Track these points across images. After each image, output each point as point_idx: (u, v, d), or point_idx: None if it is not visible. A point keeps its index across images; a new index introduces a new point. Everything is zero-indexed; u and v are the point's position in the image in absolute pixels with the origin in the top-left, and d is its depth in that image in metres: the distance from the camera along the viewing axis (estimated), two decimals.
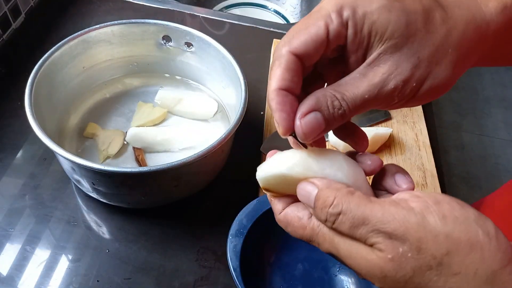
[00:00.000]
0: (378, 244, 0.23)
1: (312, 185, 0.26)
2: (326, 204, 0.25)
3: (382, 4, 0.25)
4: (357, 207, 0.24)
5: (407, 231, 0.23)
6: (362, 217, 0.24)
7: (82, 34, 0.57)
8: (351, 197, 0.25)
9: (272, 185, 0.29)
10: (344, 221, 0.24)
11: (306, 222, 0.27)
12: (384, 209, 0.24)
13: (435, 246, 0.22)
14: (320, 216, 0.26)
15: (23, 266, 0.49)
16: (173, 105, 0.63)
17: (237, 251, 0.45)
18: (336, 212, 0.25)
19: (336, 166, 0.28)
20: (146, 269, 0.51)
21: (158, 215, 0.55)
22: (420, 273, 0.23)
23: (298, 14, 1.04)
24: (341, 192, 0.25)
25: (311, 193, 0.26)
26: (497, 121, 1.94)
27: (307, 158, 0.28)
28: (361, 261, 0.24)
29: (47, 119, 0.53)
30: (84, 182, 0.50)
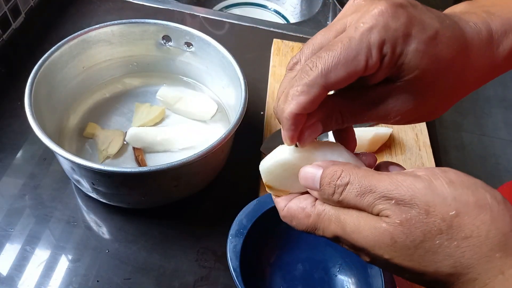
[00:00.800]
0: (386, 210, 0.23)
1: (316, 166, 0.27)
2: (333, 178, 0.25)
3: (418, 48, 0.25)
4: (364, 177, 0.24)
5: (414, 196, 0.23)
6: (369, 186, 0.24)
7: (82, 34, 0.57)
8: (358, 170, 0.25)
9: (275, 178, 0.29)
10: (351, 190, 0.24)
11: (310, 210, 0.27)
12: (391, 178, 0.24)
13: (444, 209, 0.22)
14: (327, 191, 0.26)
15: (23, 266, 0.49)
16: (173, 102, 0.63)
17: (237, 251, 0.45)
18: (344, 182, 0.25)
19: (337, 153, 0.28)
20: (146, 269, 0.51)
21: (158, 215, 0.55)
22: (430, 237, 0.22)
23: (298, 14, 1.04)
24: (348, 166, 0.26)
25: (315, 174, 0.26)
26: (498, 121, 1.93)
27: (308, 147, 0.28)
28: (369, 232, 0.24)
29: (47, 119, 0.53)
30: (84, 182, 0.50)
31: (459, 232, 0.22)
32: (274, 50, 0.76)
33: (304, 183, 0.27)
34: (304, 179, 0.27)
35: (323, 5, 0.93)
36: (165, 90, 0.64)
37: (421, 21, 0.26)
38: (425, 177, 0.23)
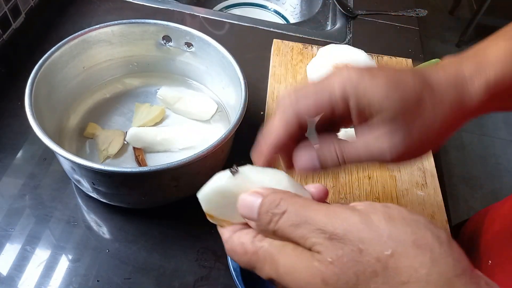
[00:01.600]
0: (318, 245, 0.22)
1: (255, 194, 0.25)
2: (271, 206, 0.24)
3: (381, 84, 0.29)
4: (302, 207, 0.23)
5: (348, 231, 0.21)
6: (304, 216, 0.22)
7: (82, 34, 0.57)
8: (297, 199, 0.24)
9: (214, 207, 0.28)
10: (287, 220, 0.23)
11: (248, 246, 0.25)
12: (328, 210, 0.22)
13: (378, 247, 0.20)
14: (264, 220, 0.24)
15: (23, 266, 0.49)
16: (173, 102, 0.63)
17: None
18: (281, 211, 0.23)
19: (275, 180, 0.27)
20: (146, 269, 0.51)
21: (158, 215, 0.55)
22: (364, 279, 0.20)
23: (298, 14, 1.04)
24: (287, 195, 0.24)
25: (254, 203, 0.25)
26: (498, 121, 1.94)
27: (247, 173, 0.27)
28: (301, 272, 0.22)
29: (47, 119, 0.53)
30: (84, 182, 0.50)
31: (395, 275, 0.20)
32: (274, 50, 0.76)
33: (242, 211, 0.26)
34: (242, 207, 0.26)
35: (323, 5, 0.93)
36: (165, 90, 0.64)
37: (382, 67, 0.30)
38: (363, 211, 0.22)
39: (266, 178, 0.27)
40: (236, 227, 0.28)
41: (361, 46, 0.72)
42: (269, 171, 0.28)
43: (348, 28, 0.85)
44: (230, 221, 0.28)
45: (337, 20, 0.87)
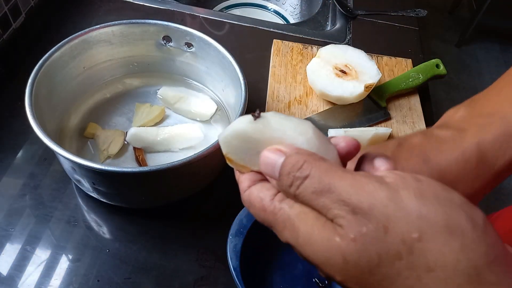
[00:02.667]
0: (340, 218, 0.20)
1: (278, 152, 0.23)
2: (294, 168, 0.22)
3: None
4: (326, 173, 0.21)
5: (374, 206, 0.19)
6: (328, 184, 0.20)
7: (82, 34, 0.57)
8: (322, 163, 0.22)
9: (234, 151, 0.26)
10: (309, 185, 0.21)
11: (267, 204, 0.24)
12: (354, 179, 0.20)
13: (405, 227, 0.18)
14: (285, 182, 0.23)
15: (23, 266, 0.49)
16: (173, 102, 0.63)
17: (237, 251, 0.45)
18: (303, 175, 0.21)
19: (299, 130, 0.24)
20: (146, 269, 0.51)
21: (158, 215, 0.55)
22: (387, 261, 0.19)
23: (298, 14, 1.04)
24: (312, 157, 0.22)
25: (276, 161, 0.23)
26: None
27: (270, 117, 0.25)
28: (321, 246, 0.20)
29: (47, 119, 0.53)
30: (85, 182, 0.50)
31: (421, 260, 0.18)
32: (274, 51, 0.76)
33: (263, 169, 0.24)
34: (264, 165, 0.24)
35: (322, 5, 0.93)
36: (165, 90, 0.64)
37: None
38: (392, 185, 0.20)
39: (289, 127, 0.25)
40: (255, 176, 0.26)
41: (361, 46, 0.72)
42: (294, 120, 0.25)
43: (348, 28, 0.85)
44: (249, 167, 0.26)
45: (337, 20, 0.87)
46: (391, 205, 0.19)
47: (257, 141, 0.25)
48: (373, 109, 0.69)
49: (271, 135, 0.25)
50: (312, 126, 0.25)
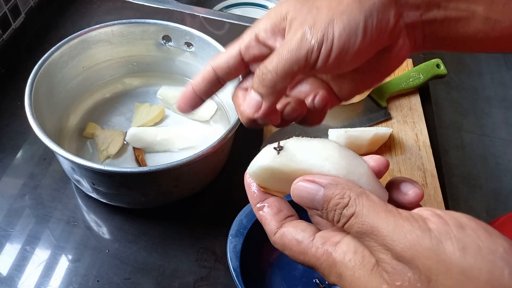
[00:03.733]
0: (385, 264, 0.20)
1: (314, 184, 0.23)
2: (340, 205, 0.22)
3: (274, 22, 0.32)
4: (369, 213, 0.21)
5: (416, 256, 0.19)
6: (371, 227, 0.21)
7: (82, 34, 0.57)
8: (365, 200, 0.22)
9: (266, 181, 0.26)
10: (354, 224, 0.22)
11: (307, 247, 0.24)
12: (397, 223, 0.20)
13: (447, 282, 0.18)
14: (330, 216, 0.23)
15: (23, 266, 0.49)
16: (173, 102, 0.63)
17: (237, 251, 0.45)
18: (349, 213, 0.22)
19: (324, 156, 0.24)
20: (146, 269, 0.51)
21: (158, 215, 0.55)
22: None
23: None
24: (354, 192, 0.22)
25: (315, 194, 0.23)
26: (498, 121, 1.93)
27: (292, 148, 0.25)
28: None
29: (47, 119, 0.53)
30: (84, 182, 0.50)
31: None
32: None
33: (299, 201, 0.24)
34: (298, 197, 0.24)
35: None
36: (165, 89, 0.64)
37: None
38: (435, 234, 0.19)
39: (313, 154, 0.25)
40: (280, 214, 0.26)
41: None
42: (317, 144, 0.25)
43: None
44: (285, 192, 0.27)
45: None
46: (433, 257, 0.19)
47: (286, 173, 0.25)
48: (373, 109, 0.69)
49: (298, 167, 0.25)
50: (337, 147, 0.25)
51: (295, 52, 0.29)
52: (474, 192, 1.68)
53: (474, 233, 0.19)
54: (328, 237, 0.24)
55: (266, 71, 0.30)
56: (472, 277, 0.18)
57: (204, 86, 0.37)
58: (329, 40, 0.28)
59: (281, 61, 0.30)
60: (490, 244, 0.19)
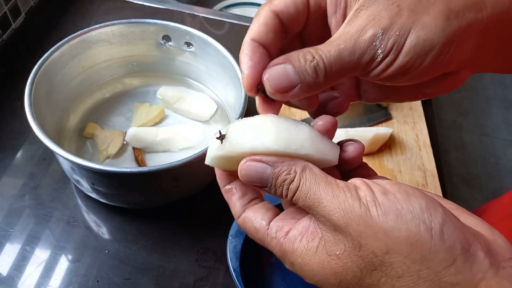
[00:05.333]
0: (327, 235, 0.23)
1: (262, 163, 0.24)
2: (287, 181, 0.24)
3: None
4: (311, 185, 0.23)
5: (349, 223, 0.22)
6: (313, 198, 0.23)
7: (81, 34, 0.57)
8: (308, 173, 0.24)
9: (224, 166, 0.28)
10: (299, 198, 0.24)
11: (262, 236, 0.26)
12: (334, 194, 0.23)
13: (375, 243, 0.21)
14: (278, 191, 0.25)
15: (23, 266, 0.49)
16: (173, 102, 0.63)
17: (237, 251, 0.45)
18: (295, 187, 0.24)
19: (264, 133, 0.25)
20: (146, 269, 0.50)
21: (158, 215, 0.55)
22: (367, 273, 0.22)
23: None
24: (299, 167, 0.24)
25: (264, 172, 0.24)
26: (498, 121, 1.93)
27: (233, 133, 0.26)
28: (318, 271, 0.23)
29: (46, 119, 0.53)
30: (84, 182, 0.50)
31: (391, 270, 0.21)
32: None
33: (247, 180, 0.25)
34: (246, 177, 0.25)
35: None
36: (165, 89, 0.64)
37: None
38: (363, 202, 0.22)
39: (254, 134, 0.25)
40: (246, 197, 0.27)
41: None
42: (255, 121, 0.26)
43: None
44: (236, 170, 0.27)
45: None
46: (362, 224, 0.21)
47: (235, 157, 0.26)
48: (373, 109, 0.69)
49: (243, 150, 0.25)
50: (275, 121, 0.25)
51: (357, 57, 0.24)
52: (474, 192, 1.68)
53: (395, 197, 0.22)
54: (281, 226, 0.25)
55: (321, 59, 0.24)
56: (394, 237, 0.21)
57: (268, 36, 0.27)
58: (395, 53, 0.24)
59: (339, 59, 0.24)
60: (408, 205, 0.21)
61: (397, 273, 0.21)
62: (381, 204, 0.22)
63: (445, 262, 0.20)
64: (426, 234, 0.20)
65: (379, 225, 0.21)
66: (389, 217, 0.21)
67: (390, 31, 0.23)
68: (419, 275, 0.20)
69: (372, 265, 0.21)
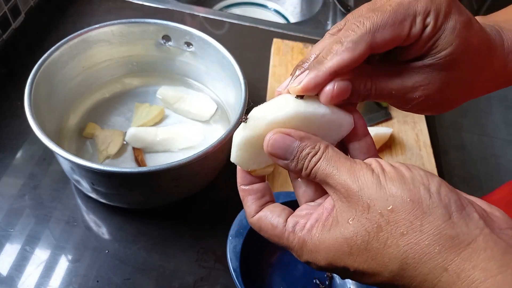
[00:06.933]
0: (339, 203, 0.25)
1: (290, 137, 0.26)
2: (312, 154, 0.26)
3: (455, 26, 0.27)
4: (332, 157, 0.26)
5: (361, 188, 0.24)
6: (333, 167, 0.25)
7: (81, 34, 0.57)
8: (330, 149, 0.26)
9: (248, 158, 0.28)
10: (318, 168, 0.26)
11: (280, 231, 0.27)
12: (352, 165, 0.25)
13: (382, 204, 0.23)
14: (300, 165, 0.26)
15: (23, 266, 0.49)
16: (172, 102, 0.63)
17: (237, 251, 0.45)
18: (317, 158, 0.26)
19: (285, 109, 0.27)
20: (146, 269, 0.50)
21: (157, 215, 0.55)
22: (374, 236, 0.23)
23: (298, 13, 1.04)
24: (323, 144, 0.26)
25: (291, 145, 0.26)
26: (498, 121, 1.93)
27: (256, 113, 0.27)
28: (330, 244, 0.25)
29: (46, 119, 0.53)
30: (84, 182, 0.50)
31: (396, 228, 0.23)
32: (274, 50, 0.76)
33: (272, 150, 0.26)
34: (273, 147, 0.26)
35: (323, 5, 0.93)
36: (165, 89, 0.64)
37: (459, 6, 0.28)
38: (375, 172, 0.25)
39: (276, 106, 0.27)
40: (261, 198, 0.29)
41: None
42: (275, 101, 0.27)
43: None
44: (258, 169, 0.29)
45: (337, 19, 0.87)
46: (372, 188, 0.24)
47: (261, 134, 0.27)
48: (374, 109, 0.69)
49: (266, 121, 0.27)
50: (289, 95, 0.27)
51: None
52: (474, 192, 1.67)
53: (399, 168, 0.25)
54: (298, 220, 0.27)
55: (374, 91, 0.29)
56: (398, 197, 0.23)
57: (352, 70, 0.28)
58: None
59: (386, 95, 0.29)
60: (410, 173, 0.24)
61: (401, 231, 0.22)
62: (388, 172, 0.24)
63: (443, 216, 0.22)
64: (425, 193, 0.23)
65: (386, 188, 0.24)
66: (394, 182, 0.24)
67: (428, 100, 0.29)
68: (421, 230, 0.22)
69: (379, 227, 0.23)
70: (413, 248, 0.22)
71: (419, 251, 0.22)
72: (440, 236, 0.22)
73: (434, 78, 0.28)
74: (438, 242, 0.22)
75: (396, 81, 0.28)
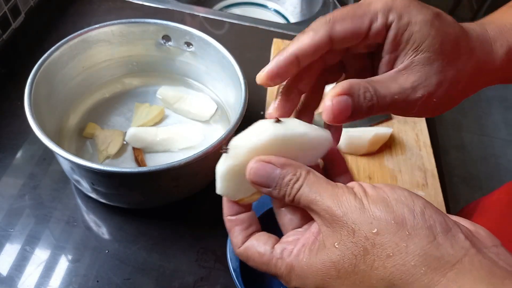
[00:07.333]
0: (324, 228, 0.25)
1: (270, 164, 0.27)
2: (293, 180, 0.26)
3: (426, 19, 0.28)
4: (313, 183, 0.26)
5: (345, 213, 0.24)
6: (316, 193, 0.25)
7: (81, 34, 0.57)
8: (312, 175, 0.26)
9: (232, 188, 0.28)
10: (301, 194, 0.26)
11: (268, 259, 0.27)
12: (334, 190, 0.25)
13: (367, 227, 0.23)
14: (282, 192, 0.26)
15: (23, 266, 0.49)
16: (173, 102, 0.63)
17: None
18: (299, 186, 0.26)
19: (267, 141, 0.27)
20: (146, 269, 0.50)
21: (157, 215, 0.55)
22: (361, 259, 0.23)
23: (298, 13, 1.04)
24: (304, 170, 0.26)
25: (272, 172, 0.26)
26: (498, 121, 1.93)
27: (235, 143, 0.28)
28: (318, 269, 0.25)
29: (46, 119, 0.53)
30: (84, 182, 0.50)
31: (382, 250, 0.23)
32: (274, 50, 0.76)
33: (254, 178, 0.27)
34: (255, 176, 0.27)
35: (323, 5, 0.93)
36: (165, 89, 0.64)
37: (422, 3, 0.29)
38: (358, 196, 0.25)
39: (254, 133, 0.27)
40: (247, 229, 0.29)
41: None
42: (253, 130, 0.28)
43: None
44: (245, 197, 0.29)
45: None
46: (356, 212, 0.24)
47: (242, 163, 0.27)
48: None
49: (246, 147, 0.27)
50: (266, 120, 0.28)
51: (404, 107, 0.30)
52: (474, 192, 1.68)
53: (382, 190, 0.25)
54: (285, 247, 0.27)
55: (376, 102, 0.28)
56: (383, 220, 0.23)
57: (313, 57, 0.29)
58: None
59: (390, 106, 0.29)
60: (393, 195, 0.24)
61: (387, 253, 0.22)
62: (371, 195, 0.25)
63: (428, 237, 0.22)
64: (409, 215, 0.23)
65: (369, 212, 0.24)
66: (377, 205, 0.24)
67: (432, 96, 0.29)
68: (407, 251, 0.22)
69: (365, 250, 0.23)
70: (400, 269, 0.22)
71: (406, 272, 0.22)
72: (426, 257, 0.22)
73: (429, 73, 0.28)
74: (423, 263, 0.22)
75: (394, 86, 0.29)
